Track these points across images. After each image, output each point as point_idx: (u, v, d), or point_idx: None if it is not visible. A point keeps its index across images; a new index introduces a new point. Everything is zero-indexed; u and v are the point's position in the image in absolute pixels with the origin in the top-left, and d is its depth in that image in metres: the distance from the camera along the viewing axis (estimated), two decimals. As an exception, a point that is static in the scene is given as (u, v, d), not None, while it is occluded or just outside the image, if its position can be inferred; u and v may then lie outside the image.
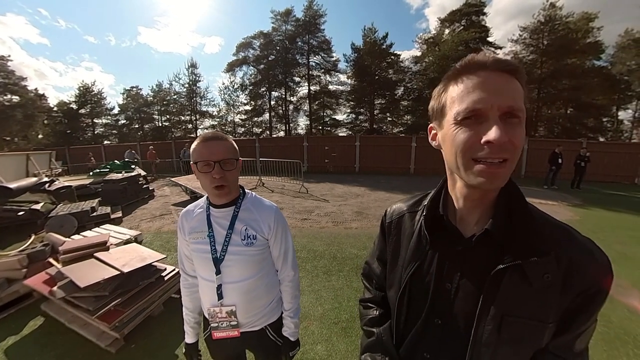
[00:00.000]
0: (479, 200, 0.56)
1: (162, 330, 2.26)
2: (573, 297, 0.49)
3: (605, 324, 2.37)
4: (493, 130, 0.44)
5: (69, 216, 4.63)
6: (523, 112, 0.46)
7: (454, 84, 0.51)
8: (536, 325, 0.50)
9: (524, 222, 0.52)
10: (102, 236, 2.95)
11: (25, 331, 2.29)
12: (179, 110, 27.77)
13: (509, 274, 0.50)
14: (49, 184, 5.93)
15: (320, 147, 14.59)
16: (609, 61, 20.47)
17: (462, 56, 0.52)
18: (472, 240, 0.55)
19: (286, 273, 1.10)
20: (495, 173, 0.47)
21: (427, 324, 0.59)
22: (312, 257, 3.67)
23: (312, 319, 2.42)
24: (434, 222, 0.61)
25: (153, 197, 7.77)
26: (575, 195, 8.27)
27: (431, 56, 22.03)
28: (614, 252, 3.96)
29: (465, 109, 0.47)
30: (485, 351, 0.51)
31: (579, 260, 0.49)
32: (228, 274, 0.99)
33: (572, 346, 0.52)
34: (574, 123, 20.51)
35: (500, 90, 0.45)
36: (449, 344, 0.57)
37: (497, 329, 0.50)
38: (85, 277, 2.13)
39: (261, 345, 1.10)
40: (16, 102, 24.18)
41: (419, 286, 0.61)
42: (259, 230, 1.01)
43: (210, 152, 0.90)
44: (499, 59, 0.47)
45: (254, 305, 1.04)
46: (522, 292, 0.50)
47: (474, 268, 0.54)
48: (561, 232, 0.53)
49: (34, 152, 10.75)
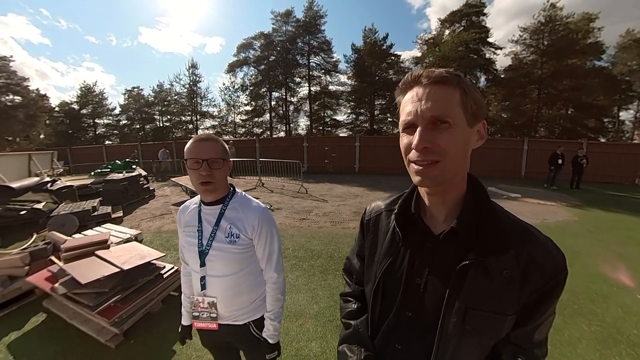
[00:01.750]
0: (441, 198, 0.60)
1: (161, 326, 2.31)
2: (531, 292, 0.53)
3: (599, 324, 2.39)
4: (415, 137, 0.51)
5: (70, 215, 4.69)
6: (453, 117, 0.50)
7: (401, 98, 0.57)
8: (497, 318, 0.54)
9: (487, 220, 0.56)
10: (103, 235, 3.00)
11: (28, 327, 2.34)
12: (179, 110, 27.87)
13: (472, 269, 0.54)
14: (50, 184, 5.99)
15: (320, 148, 14.61)
16: (610, 61, 20.47)
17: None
18: (439, 238, 0.59)
19: (269, 275, 1.10)
20: (425, 173, 0.52)
21: (398, 316, 0.63)
22: (309, 257, 3.71)
23: (308, 316, 2.46)
24: (406, 219, 0.65)
25: (153, 197, 7.82)
26: (574, 196, 8.27)
27: (431, 57, 22.05)
28: (612, 252, 3.97)
29: (402, 121, 0.55)
30: (451, 342, 0.56)
31: (537, 256, 0.53)
32: (211, 268, 1.04)
33: (531, 337, 0.56)
34: (574, 124, 20.48)
35: (426, 102, 0.51)
36: (418, 335, 0.61)
37: (462, 321, 0.54)
38: (86, 274, 2.19)
39: (244, 339, 1.14)
40: (18, 103, 24.33)
41: (392, 281, 0.65)
42: (243, 230, 1.04)
43: (200, 150, 0.96)
44: (429, 73, 0.52)
45: (236, 301, 1.07)
46: (484, 287, 0.54)
47: (441, 264, 0.58)
48: (521, 230, 0.57)
49: (36, 152, 10.83)
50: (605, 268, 3.44)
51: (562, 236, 4.62)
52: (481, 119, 0.55)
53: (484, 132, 0.56)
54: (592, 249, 4.10)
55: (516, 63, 21.82)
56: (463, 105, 0.51)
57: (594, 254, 3.92)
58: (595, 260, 3.68)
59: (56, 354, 2.04)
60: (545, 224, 5.35)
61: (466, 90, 0.51)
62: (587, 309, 2.62)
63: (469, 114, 0.52)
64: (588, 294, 2.86)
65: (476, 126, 0.54)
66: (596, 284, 3.06)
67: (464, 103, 0.51)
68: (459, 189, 0.59)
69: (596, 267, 3.49)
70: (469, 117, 0.52)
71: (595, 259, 3.72)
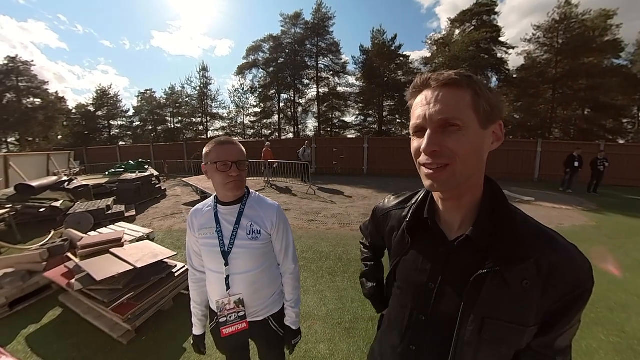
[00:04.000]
0: (455, 203, 0.59)
1: (171, 324, 2.35)
2: (554, 301, 0.51)
3: (618, 334, 2.29)
4: (424, 141, 0.51)
5: (86, 214, 4.84)
6: (462, 119, 0.49)
7: (412, 102, 0.57)
8: (516, 328, 0.52)
9: (505, 227, 0.54)
10: (117, 233, 3.08)
11: (45, 320, 2.43)
12: (190, 112, 28.40)
13: (489, 278, 0.52)
14: (67, 183, 6.22)
15: (328, 149, 14.58)
16: (629, 60, 19.59)
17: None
18: (454, 244, 0.57)
19: (287, 266, 1.18)
20: (435, 176, 0.52)
21: (411, 317, 0.63)
22: (317, 258, 3.70)
23: (316, 318, 2.45)
24: (417, 224, 0.64)
25: (165, 197, 7.99)
26: (591, 200, 7.96)
27: (441, 57, 21.72)
28: (632, 259, 3.79)
29: (413, 124, 0.54)
30: (467, 350, 0.54)
31: (560, 265, 0.51)
32: (235, 266, 1.07)
33: (553, 344, 0.54)
34: (591, 124, 19.73)
35: (434, 105, 0.50)
36: (432, 340, 0.60)
37: (479, 331, 0.53)
38: (101, 271, 2.25)
39: (263, 334, 1.16)
40: (38, 105, 25.42)
41: (403, 279, 0.65)
42: (263, 226, 1.10)
43: (228, 153, 1.02)
44: (438, 76, 0.51)
45: (258, 296, 1.12)
46: (502, 297, 0.52)
47: (455, 271, 0.57)
48: (543, 237, 0.54)
49: (54, 153, 11.26)
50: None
51: (577, 242, 4.32)
52: (496, 120, 0.53)
53: (501, 134, 0.54)
54: (611, 256, 3.94)
55: (529, 62, 21.23)
56: (474, 107, 0.50)
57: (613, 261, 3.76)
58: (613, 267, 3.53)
59: (71, 347, 2.10)
60: (560, 228, 5.17)
61: (478, 92, 0.50)
62: (605, 318, 2.51)
63: (482, 115, 0.50)
64: (606, 303, 2.74)
65: (491, 128, 0.53)
66: (615, 293, 2.93)
67: (475, 105, 0.50)
68: (474, 193, 0.57)
69: (615, 274, 3.35)
70: (482, 118, 0.50)
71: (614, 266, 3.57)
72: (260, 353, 1.26)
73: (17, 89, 24.71)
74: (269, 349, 1.22)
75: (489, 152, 0.55)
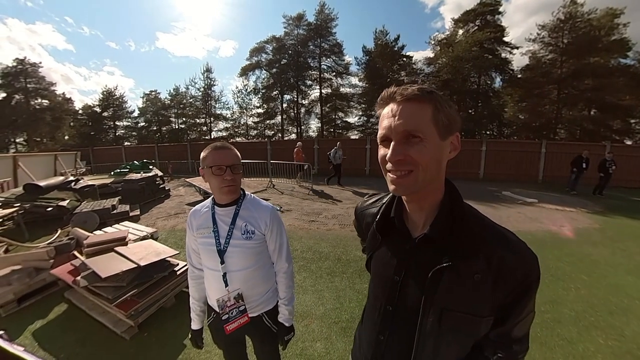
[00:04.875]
0: (418, 205, 0.64)
1: (173, 321, 2.41)
2: (506, 294, 0.56)
3: (617, 338, 2.28)
4: (389, 150, 0.56)
5: (92, 213, 4.95)
6: (423, 132, 0.53)
7: (380, 111, 0.61)
8: (472, 319, 0.57)
9: (460, 225, 0.60)
10: (122, 232, 3.16)
11: (51, 316, 2.51)
12: (194, 113, 28.68)
13: (446, 273, 0.57)
14: (74, 183, 6.35)
15: (331, 150, 14.64)
16: (637, 59, 19.27)
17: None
18: (415, 241, 0.63)
19: (281, 265, 1.22)
20: (399, 182, 0.57)
21: (381, 308, 0.69)
22: (317, 258, 3.74)
23: (314, 317, 2.49)
24: (386, 221, 0.70)
25: (169, 197, 8.09)
26: (596, 202, 7.87)
27: (444, 57, 21.67)
28: (635, 263, 3.75)
29: (380, 134, 0.59)
30: (429, 338, 0.60)
31: (508, 260, 0.55)
32: (230, 264, 1.12)
33: (510, 333, 0.60)
34: (597, 125, 19.48)
35: (399, 118, 0.55)
36: (399, 329, 0.65)
37: (438, 321, 0.59)
38: (106, 269, 2.32)
39: (258, 330, 1.21)
40: (46, 106, 25.95)
41: (375, 272, 0.72)
42: (257, 227, 1.14)
43: (223, 158, 1.07)
44: (402, 91, 0.55)
45: (253, 293, 1.17)
46: (458, 290, 0.57)
47: (417, 266, 0.63)
48: (494, 234, 0.59)
49: (61, 153, 11.49)
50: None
51: (580, 244, 4.42)
52: (454, 132, 0.58)
53: (457, 144, 0.59)
54: (613, 259, 3.90)
55: (534, 62, 21.05)
56: (434, 120, 0.54)
57: (615, 264, 3.73)
58: (615, 270, 3.51)
59: (76, 342, 2.17)
60: (563, 231, 5.14)
61: (438, 107, 0.55)
62: (604, 322, 2.49)
63: (441, 128, 0.55)
64: (606, 306, 2.73)
65: (449, 139, 0.58)
66: (616, 296, 2.91)
67: (435, 118, 0.54)
68: (435, 195, 0.63)
69: (616, 277, 3.33)
70: (441, 131, 0.55)
71: (616, 269, 3.55)
72: (255, 348, 1.31)
73: (26, 90, 25.25)
74: (262, 345, 1.27)
75: (448, 160, 0.60)
